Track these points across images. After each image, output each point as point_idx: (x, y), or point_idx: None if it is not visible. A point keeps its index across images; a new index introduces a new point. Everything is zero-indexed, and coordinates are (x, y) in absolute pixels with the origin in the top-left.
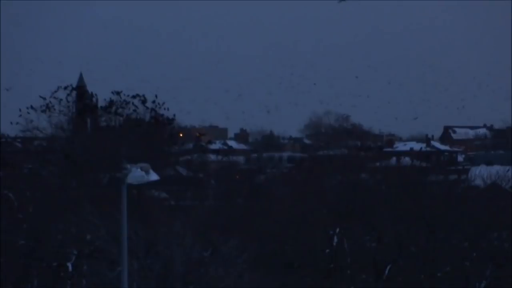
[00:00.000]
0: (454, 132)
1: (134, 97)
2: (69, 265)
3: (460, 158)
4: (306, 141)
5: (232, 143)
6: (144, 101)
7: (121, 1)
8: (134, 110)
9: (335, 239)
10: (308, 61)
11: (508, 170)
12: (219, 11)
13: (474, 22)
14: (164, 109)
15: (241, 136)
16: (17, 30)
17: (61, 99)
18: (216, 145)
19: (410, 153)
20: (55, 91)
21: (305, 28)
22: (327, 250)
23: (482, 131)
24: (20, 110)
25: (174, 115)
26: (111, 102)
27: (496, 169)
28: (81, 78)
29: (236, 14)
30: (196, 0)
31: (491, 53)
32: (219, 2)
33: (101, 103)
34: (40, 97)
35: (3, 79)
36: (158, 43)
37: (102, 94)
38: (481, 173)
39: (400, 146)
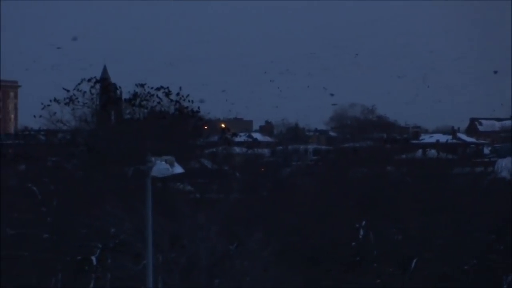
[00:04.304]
0: (480, 124)
1: (158, 89)
2: (93, 258)
3: (486, 150)
4: (332, 133)
5: (257, 135)
6: (168, 94)
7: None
8: (158, 103)
9: (361, 232)
10: (332, 53)
11: None
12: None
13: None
14: (189, 101)
15: (266, 128)
16: (39, 24)
17: (84, 92)
18: (241, 138)
19: (436, 145)
20: (79, 84)
21: (329, 22)
22: (353, 243)
23: (509, 122)
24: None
25: (199, 107)
26: (135, 95)
27: None
28: (105, 71)
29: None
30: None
31: None
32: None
33: (125, 95)
34: (64, 89)
35: (26, 72)
36: (182, 37)
37: (126, 86)
38: (507, 165)
39: (426, 138)
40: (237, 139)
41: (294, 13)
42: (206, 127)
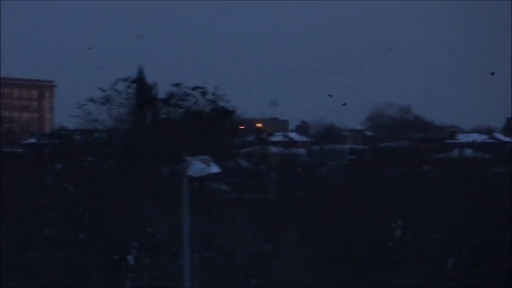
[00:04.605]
0: None
1: (194, 89)
2: (130, 258)
3: None
4: (368, 133)
5: (293, 135)
6: (204, 93)
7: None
8: (194, 102)
9: (397, 232)
10: (368, 53)
11: None
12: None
13: None
14: (225, 101)
15: (302, 128)
16: (74, 24)
17: (120, 92)
18: (277, 137)
19: (473, 144)
20: (115, 83)
21: (364, 20)
22: (389, 243)
23: None
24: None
25: (235, 107)
26: (171, 94)
27: None
28: (140, 70)
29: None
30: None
31: None
32: None
33: (161, 95)
34: (100, 89)
35: (65, 72)
36: (217, 37)
37: (162, 86)
38: None
39: (462, 138)
40: (273, 138)
41: (325, 10)
42: (242, 127)
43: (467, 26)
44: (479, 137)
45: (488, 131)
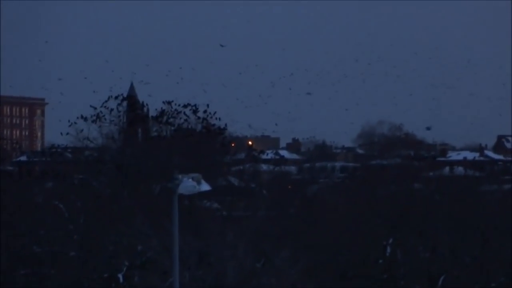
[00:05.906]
0: (508, 141)
1: (185, 106)
2: (120, 276)
3: None
4: (359, 150)
5: (284, 152)
6: (195, 111)
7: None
8: (185, 120)
9: (388, 250)
10: (358, 72)
11: None
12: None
13: None
14: (216, 118)
15: (293, 145)
16: (65, 40)
17: (111, 109)
18: (268, 155)
19: (464, 162)
20: (106, 101)
21: (356, 35)
22: (380, 261)
23: None
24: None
25: (226, 124)
26: (162, 112)
27: None
28: (131, 88)
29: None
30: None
31: None
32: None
33: (152, 112)
34: (91, 106)
35: (53, 90)
36: (209, 54)
37: (153, 104)
38: None
39: (454, 156)
40: (264, 156)
41: (309, 25)
42: (233, 145)
43: (462, 40)
44: (470, 155)
45: (479, 149)
